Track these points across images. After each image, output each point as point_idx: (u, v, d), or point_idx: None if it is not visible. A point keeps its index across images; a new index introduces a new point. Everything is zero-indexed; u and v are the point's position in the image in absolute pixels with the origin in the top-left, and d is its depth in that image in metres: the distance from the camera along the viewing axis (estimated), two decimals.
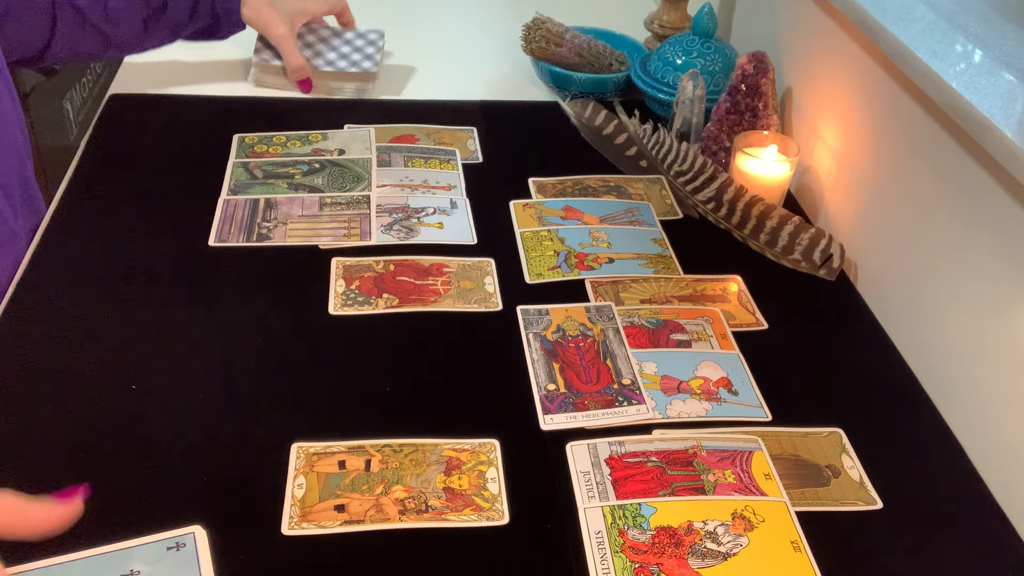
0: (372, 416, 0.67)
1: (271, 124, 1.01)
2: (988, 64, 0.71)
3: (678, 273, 0.84)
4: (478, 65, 1.21)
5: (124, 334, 0.73)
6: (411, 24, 1.31)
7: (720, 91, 1.02)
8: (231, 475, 0.62)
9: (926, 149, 0.76)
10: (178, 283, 0.78)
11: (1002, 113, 0.63)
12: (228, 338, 0.73)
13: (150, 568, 0.55)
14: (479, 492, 0.62)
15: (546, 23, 1.10)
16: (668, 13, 1.17)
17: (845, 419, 0.70)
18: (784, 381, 0.73)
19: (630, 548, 0.58)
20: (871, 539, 0.61)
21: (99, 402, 0.66)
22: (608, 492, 0.62)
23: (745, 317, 0.80)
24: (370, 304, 0.77)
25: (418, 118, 1.05)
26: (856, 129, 0.88)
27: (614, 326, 0.77)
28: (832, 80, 0.93)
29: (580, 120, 1.06)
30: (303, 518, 0.59)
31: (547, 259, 0.84)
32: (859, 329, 0.81)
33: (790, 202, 0.97)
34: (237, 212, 0.86)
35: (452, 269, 0.82)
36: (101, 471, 0.61)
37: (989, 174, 0.68)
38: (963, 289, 0.72)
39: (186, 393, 0.68)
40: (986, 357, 0.69)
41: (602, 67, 1.13)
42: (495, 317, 0.78)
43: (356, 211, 0.88)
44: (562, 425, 0.67)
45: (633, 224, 0.90)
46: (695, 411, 0.69)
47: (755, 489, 0.63)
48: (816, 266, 0.86)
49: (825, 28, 0.94)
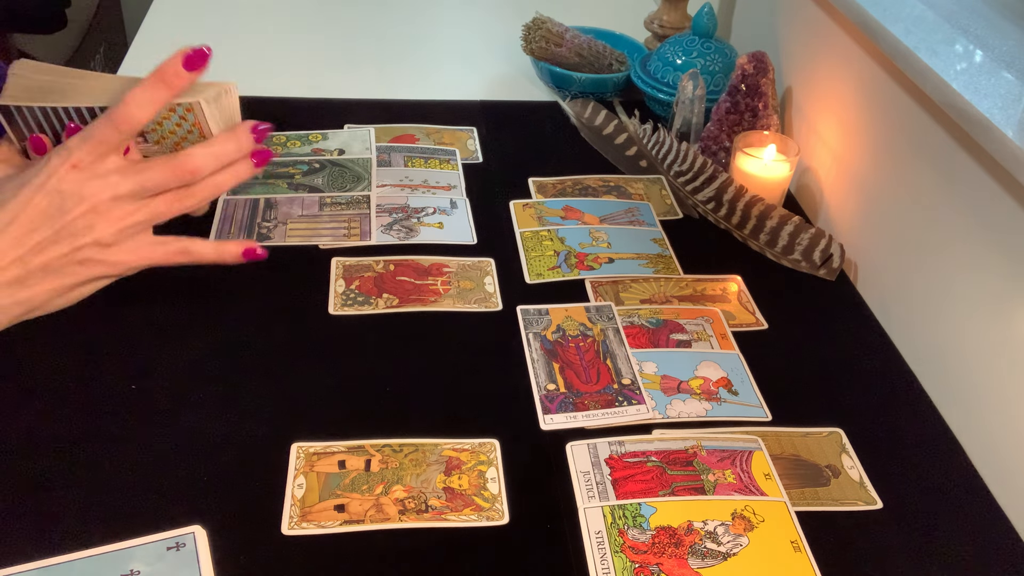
0: (372, 416, 0.67)
1: (271, 124, 1.01)
2: (988, 64, 0.71)
3: (678, 273, 0.84)
4: (478, 65, 1.21)
5: (124, 334, 0.73)
6: (411, 24, 1.31)
7: (720, 91, 1.02)
8: (231, 475, 0.62)
9: (926, 149, 0.77)
10: (178, 283, 0.78)
11: (1002, 113, 0.63)
12: (228, 338, 0.73)
13: (150, 568, 0.55)
14: (479, 492, 0.62)
15: (546, 23, 1.10)
16: (668, 13, 1.17)
17: (845, 419, 0.70)
18: (784, 381, 0.73)
19: (630, 548, 0.58)
20: (871, 539, 0.61)
21: (99, 402, 0.66)
22: (608, 492, 0.62)
23: (745, 317, 0.80)
24: (370, 304, 0.77)
25: (418, 118, 1.05)
26: (856, 129, 0.88)
27: (614, 326, 0.77)
28: (832, 80, 0.93)
29: (580, 120, 1.06)
30: (303, 518, 0.59)
31: (547, 259, 0.84)
32: (859, 329, 0.81)
33: (790, 202, 0.97)
34: (237, 212, 0.86)
35: (452, 269, 0.82)
36: (101, 471, 0.61)
37: (989, 174, 0.68)
38: (963, 289, 0.72)
39: (186, 393, 0.68)
40: (986, 357, 0.69)
41: (602, 67, 1.13)
42: (495, 317, 0.78)
43: (356, 211, 0.88)
44: (562, 425, 0.67)
45: (633, 224, 0.90)
46: (695, 411, 0.69)
47: (755, 489, 0.63)
48: (816, 266, 0.86)
49: (825, 28, 0.94)
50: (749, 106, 0.95)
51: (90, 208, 0.61)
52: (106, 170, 0.61)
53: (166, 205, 0.64)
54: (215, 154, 0.64)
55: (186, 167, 0.63)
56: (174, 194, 0.64)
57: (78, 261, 0.62)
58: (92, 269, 0.64)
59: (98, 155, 0.61)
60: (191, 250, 0.68)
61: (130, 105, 0.60)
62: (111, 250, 0.63)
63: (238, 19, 1.29)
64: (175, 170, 0.63)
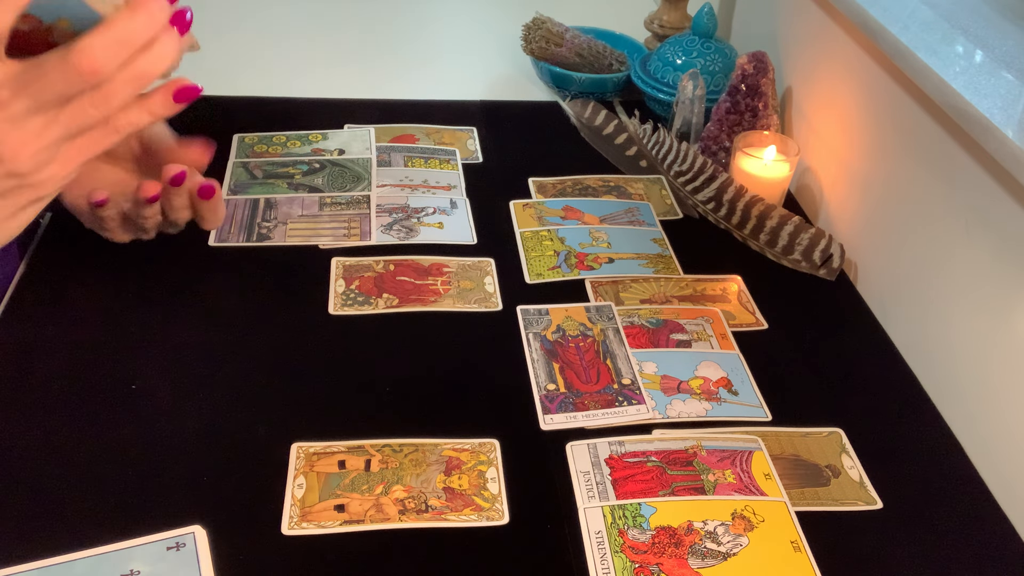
0: (372, 416, 0.67)
1: (271, 124, 1.01)
2: (988, 64, 0.71)
3: (678, 273, 0.84)
4: (478, 65, 1.21)
5: (124, 334, 0.73)
6: (411, 24, 1.31)
7: (720, 91, 1.02)
8: (231, 475, 0.62)
9: (926, 149, 0.76)
10: (178, 283, 0.78)
11: (1002, 113, 0.63)
12: (228, 338, 0.73)
13: (150, 568, 0.55)
14: (479, 492, 0.62)
15: (546, 23, 1.10)
16: (668, 13, 1.17)
17: (845, 419, 0.70)
18: (784, 381, 0.73)
19: (630, 548, 0.58)
20: (871, 539, 0.61)
21: (99, 402, 0.66)
22: (608, 492, 0.62)
23: (745, 317, 0.80)
24: (370, 304, 0.77)
25: (418, 118, 1.05)
26: (856, 129, 0.88)
27: (614, 326, 0.77)
28: (832, 80, 0.93)
29: (580, 120, 1.06)
30: (303, 518, 0.59)
31: (547, 259, 0.84)
32: (859, 329, 0.81)
33: (790, 202, 0.97)
34: (237, 212, 0.86)
35: (452, 269, 0.82)
36: (101, 471, 0.61)
37: (989, 174, 0.68)
38: (963, 289, 0.72)
39: (186, 393, 0.68)
40: (986, 357, 0.69)
41: (602, 67, 1.13)
42: (495, 317, 0.78)
43: (356, 211, 0.88)
44: (562, 425, 0.67)
45: (633, 224, 0.90)
46: (695, 411, 0.69)
47: (755, 489, 0.63)
48: (816, 266, 0.86)
49: (825, 28, 0.94)
50: (749, 106, 0.95)
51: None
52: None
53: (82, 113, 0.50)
54: (118, 39, 0.48)
55: (82, 65, 0.47)
56: (88, 98, 0.49)
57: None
58: (17, 198, 0.52)
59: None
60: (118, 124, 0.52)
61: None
62: (32, 176, 0.51)
63: (238, 19, 1.29)
64: (71, 69, 0.48)
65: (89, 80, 0.49)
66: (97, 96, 0.50)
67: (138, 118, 0.52)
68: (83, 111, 0.50)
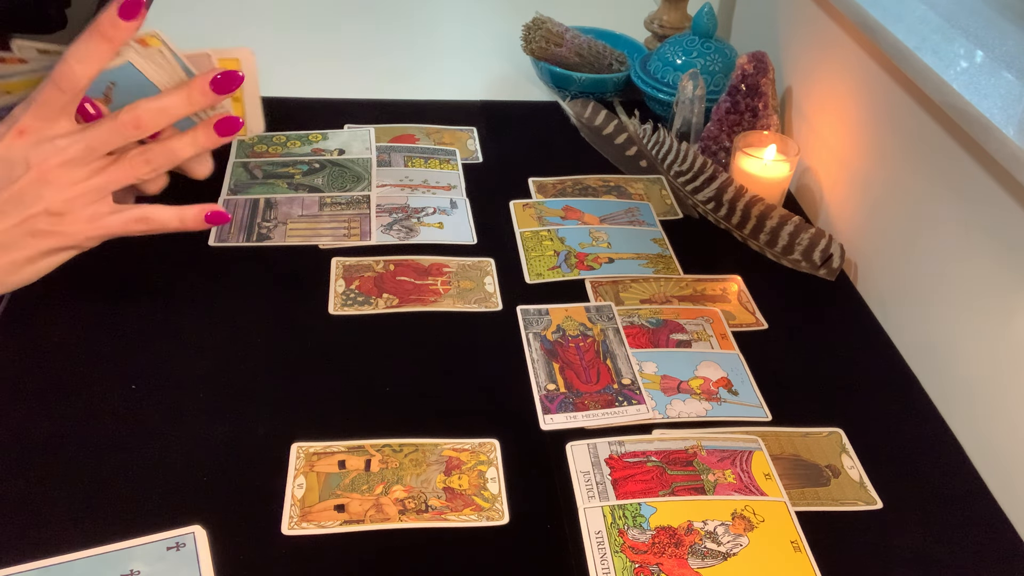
0: (372, 416, 0.67)
1: (271, 124, 1.01)
2: (988, 64, 0.71)
3: (678, 273, 0.84)
4: (478, 65, 1.21)
5: (124, 334, 0.73)
6: (411, 24, 1.31)
7: (720, 91, 1.02)
8: (231, 475, 0.62)
9: (926, 149, 0.77)
10: (178, 283, 0.78)
11: (1002, 113, 0.63)
12: (228, 338, 0.73)
13: (150, 568, 0.55)
14: (479, 492, 0.62)
15: (546, 23, 1.10)
16: (668, 13, 1.17)
17: (845, 419, 0.70)
18: (784, 381, 0.73)
19: (630, 548, 0.58)
20: (871, 539, 0.61)
21: (100, 402, 0.66)
22: (608, 492, 0.62)
23: (745, 317, 0.80)
24: (370, 304, 0.77)
25: (418, 118, 1.05)
26: (856, 129, 0.88)
27: (614, 326, 0.77)
28: (832, 80, 0.93)
29: (580, 120, 1.06)
30: (303, 518, 0.59)
31: (547, 259, 0.84)
32: (859, 329, 0.81)
33: (790, 202, 0.97)
34: (237, 212, 0.86)
35: (452, 269, 0.82)
36: (101, 471, 0.61)
37: (989, 174, 0.68)
38: (963, 289, 0.72)
39: (186, 393, 0.68)
40: (986, 357, 0.69)
41: (602, 67, 1.13)
42: (495, 317, 0.78)
43: (356, 211, 0.88)
44: (562, 425, 0.67)
45: (633, 224, 0.90)
46: (695, 411, 0.69)
47: (755, 489, 0.63)
48: (816, 266, 0.86)
49: (825, 28, 0.94)
50: (749, 106, 0.95)
51: (38, 175, 0.58)
52: (54, 134, 0.58)
53: (119, 171, 0.61)
54: (160, 108, 0.60)
55: (128, 120, 0.59)
56: (128, 159, 0.61)
57: (30, 233, 0.60)
58: (46, 241, 0.61)
59: (44, 119, 0.58)
60: (150, 217, 0.64)
61: (70, 62, 0.57)
62: (64, 220, 0.60)
63: (238, 19, 1.29)
64: (118, 124, 0.59)
65: (130, 133, 0.60)
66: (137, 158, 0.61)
67: (182, 149, 0.63)
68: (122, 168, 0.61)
